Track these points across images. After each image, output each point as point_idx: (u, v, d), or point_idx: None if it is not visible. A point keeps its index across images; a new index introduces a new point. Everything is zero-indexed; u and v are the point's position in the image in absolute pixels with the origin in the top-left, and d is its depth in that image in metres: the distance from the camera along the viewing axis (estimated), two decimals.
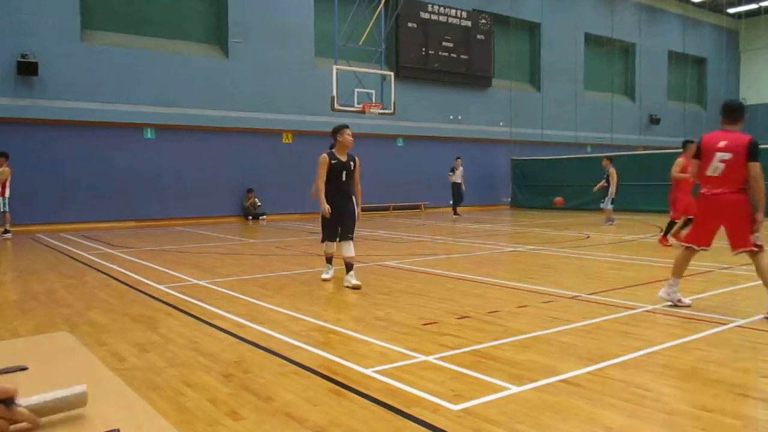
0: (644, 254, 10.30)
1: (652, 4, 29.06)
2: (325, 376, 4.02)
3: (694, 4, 30.06)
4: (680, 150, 11.03)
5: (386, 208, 22.26)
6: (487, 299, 6.53)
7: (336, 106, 17.23)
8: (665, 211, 12.15)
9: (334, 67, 17.26)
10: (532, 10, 25.38)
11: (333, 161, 7.34)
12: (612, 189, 16.07)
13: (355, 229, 7.59)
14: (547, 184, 23.35)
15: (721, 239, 6.03)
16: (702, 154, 5.84)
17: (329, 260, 7.91)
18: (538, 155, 24.66)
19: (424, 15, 22.83)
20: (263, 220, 19.23)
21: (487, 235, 14.12)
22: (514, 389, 3.71)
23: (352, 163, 7.48)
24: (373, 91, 18.10)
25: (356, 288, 7.14)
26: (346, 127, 7.45)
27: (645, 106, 29.28)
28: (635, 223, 16.80)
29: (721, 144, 5.70)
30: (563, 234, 14.02)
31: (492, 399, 3.55)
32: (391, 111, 18.52)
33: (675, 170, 10.70)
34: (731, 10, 30.97)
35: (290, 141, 20.03)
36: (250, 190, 19.39)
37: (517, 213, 22.49)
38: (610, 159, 16.58)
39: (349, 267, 7.38)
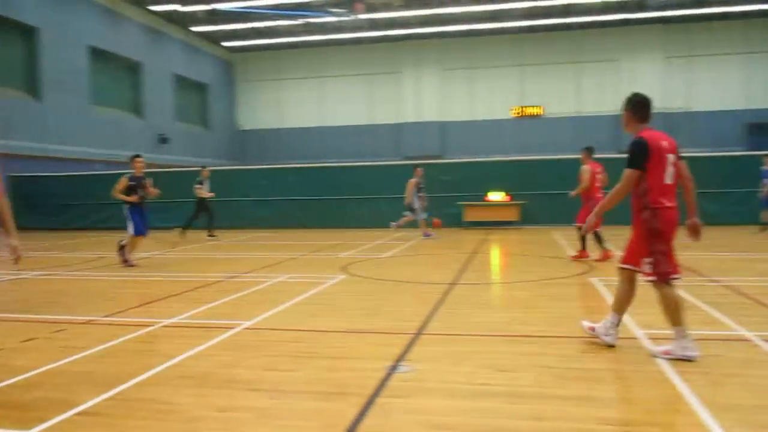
0: (156, 270, 10.46)
1: (157, 27, 29.85)
2: None
3: (194, 32, 32.09)
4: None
5: None
6: None
7: None
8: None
9: None
10: (29, 12, 23.02)
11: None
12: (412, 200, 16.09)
13: None
14: (56, 203, 21.62)
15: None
16: (652, 159, 4.59)
17: None
18: (43, 171, 22.49)
19: None
20: None
21: None
22: None
23: None
24: None
25: None
26: None
27: (154, 125, 29.81)
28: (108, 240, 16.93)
29: (665, 144, 4.66)
30: (75, 256, 13.14)
31: None
32: None
33: (586, 178, 10.58)
34: (226, 44, 34.24)
35: None
36: None
37: (21, 236, 19.99)
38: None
39: None
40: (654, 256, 4.61)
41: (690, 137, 29.71)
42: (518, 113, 32.77)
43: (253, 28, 31.24)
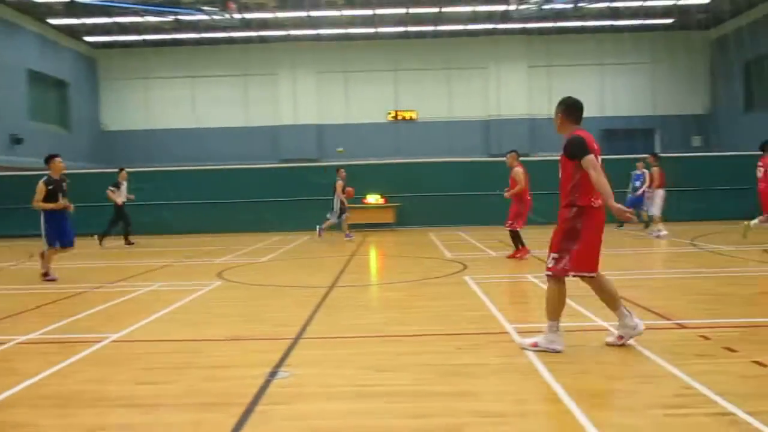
0: (8, 283, 9.63)
1: (7, 17, 27.48)
2: None
3: (52, 25, 29.88)
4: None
5: None
6: None
7: None
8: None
9: None
10: None
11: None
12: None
13: None
14: None
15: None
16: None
17: None
18: None
19: None
20: None
21: None
22: None
23: None
24: None
25: None
26: None
27: (6, 125, 27.40)
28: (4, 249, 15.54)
29: (596, 146, 4.83)
30: None
31: None
32: None
33: (522, 179, 10.60)
34: (88, 39, 32.14)
35: None
36: None
37: None
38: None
39: None
40: (561, 252, 4.76)
41: (552, 142, 31.73)
42: (394, 117, 33.46)
43: (117, 23, 29.54)
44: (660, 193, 14.99)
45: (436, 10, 28.31)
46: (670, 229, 15.15)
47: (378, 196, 20.06)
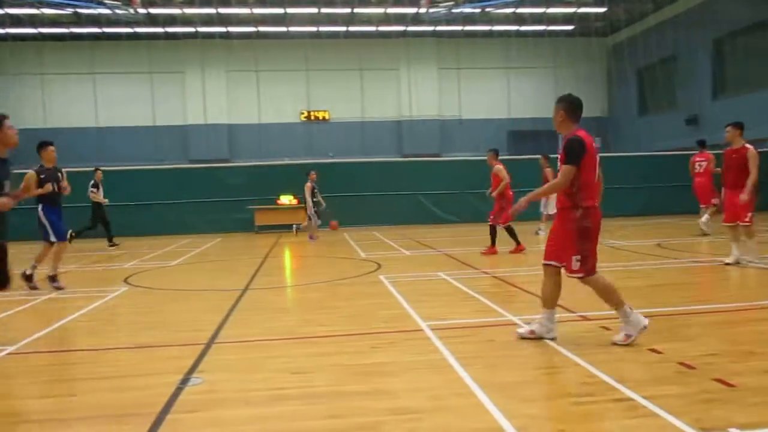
0: None
1: None
2: None
3: None
4: None
5: None
6: None
7: None
8: None
9: None
10: None
11: None
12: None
13: None
14: None
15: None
16: (587, 157, 4.73)
17: None
18: None
19: None
20: None
21: None
22: None
23: None
24: None
25: None
26: None
27: None
28: None
29: (595, 145, 4.87)
30: None
31: None
32: None
33: (504, 176, 11.21)
34: None
35: None
36: None
37: None
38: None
39: None
40: (583, 253, 4.74)
41: (462, 143, 32.56)
42: (307, 117, 33.26)
43: (8, 14, 27.69)
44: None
45: (348, 10, 28.37)
46: None
47: (291, 197, 19.88)
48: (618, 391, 3.69)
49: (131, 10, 26.33)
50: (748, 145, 8.74)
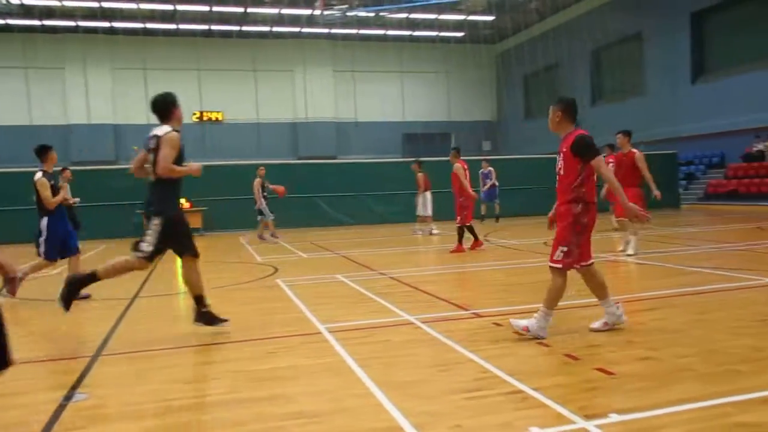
0: None
1: None
2: None
3: None
4: None
5: None
6: None
7: None
8: None
9: None
10: None
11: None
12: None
13: None
14: None
15: None
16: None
17: None
18: None
19: None
20: None
21: None
22: None
23: None
24: None
25: None
26: None
27: None
28: None
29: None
30: None
31: None
32: None
33: (463, 174, 11.34)
34: None
35: None
36: None
37: None
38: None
39: None
40: (569, 246, 4.86)
41: (358, 145, 32.80)
42: (199, 118, 32.28)
43: None
44: (428, 196, 16.06)
45: (240, 9, 27.84)
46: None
47: (183, 201, 19.18)
48: (509, 384, 3.85)
49: (3, 0, 24.49)
50: (634, 150, 9.85)
